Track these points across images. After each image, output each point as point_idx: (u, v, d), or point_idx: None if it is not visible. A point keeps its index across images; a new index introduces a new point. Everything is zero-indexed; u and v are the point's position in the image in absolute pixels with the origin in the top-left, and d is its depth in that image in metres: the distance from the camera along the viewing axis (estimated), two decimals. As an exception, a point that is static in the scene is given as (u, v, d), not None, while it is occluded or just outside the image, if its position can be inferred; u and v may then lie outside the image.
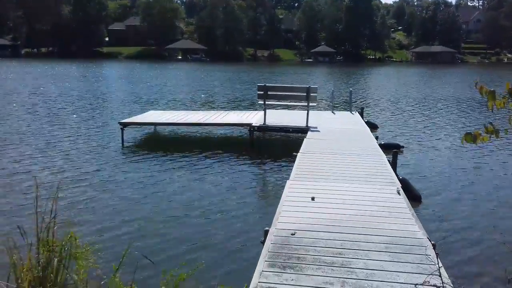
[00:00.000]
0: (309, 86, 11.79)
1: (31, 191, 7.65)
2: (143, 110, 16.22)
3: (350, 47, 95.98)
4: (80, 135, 13.27)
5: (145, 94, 25.57)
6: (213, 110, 17.57)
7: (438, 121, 16.96)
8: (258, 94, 12.09)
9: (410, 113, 18.94)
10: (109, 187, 8.42)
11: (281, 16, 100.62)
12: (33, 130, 13.80)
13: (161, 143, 12.66)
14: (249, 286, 3.65)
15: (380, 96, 25.94)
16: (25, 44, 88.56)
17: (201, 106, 20.67)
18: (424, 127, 15.54)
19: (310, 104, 11.93)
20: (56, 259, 3.29)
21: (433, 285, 3.70)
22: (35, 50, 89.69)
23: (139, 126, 13.72)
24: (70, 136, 12.98)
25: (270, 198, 7.82)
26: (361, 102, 22.14)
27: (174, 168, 9.73)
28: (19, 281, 3.16)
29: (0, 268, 3.36)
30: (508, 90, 3.10)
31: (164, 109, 17.37)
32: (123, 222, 6.75)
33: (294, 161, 8.25)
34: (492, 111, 3.10)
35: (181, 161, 10.30)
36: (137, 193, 8.09)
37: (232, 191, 8.29)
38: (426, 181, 9.00)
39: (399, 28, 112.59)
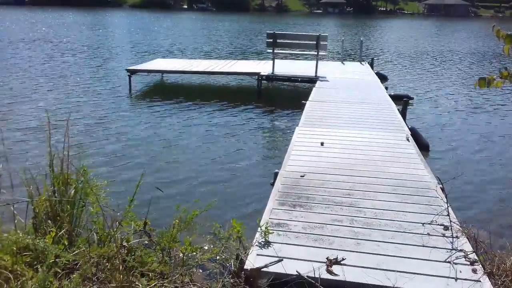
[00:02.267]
0: (319, 34, 11.56)
1: (44, 130, 7.79)
2: (151, 59, 16.04)
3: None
4: (89, 81, 13.25)
5: (152, 43, 25.24)
6: (221, 59, 17.35)
7: (449, 74, 16.67)
8: (267, 42, 11.87)
9: (421, 66, 18.60)
10: (118, 130, 8.48)
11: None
12: (44, 76, 13.78)
13: (168, 91, 12.59)
14: (260, 221, 3.73)
15: (391, 48, 25.44)
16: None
17: (209, 55, 20.41)
18: (435, 79, 15.29)
19: (320, 53, 11.74)
20: (72, 191, 3.36)
21: (441, 224, 3.78)
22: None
23: (146, 74, 13.61)
24: (78, 83, 12.95)
25: (279, 144, 7.86)
26: (371, 53, 21.74)
27: (182, 115, 9.74)
28: (37, 210, 3.25)
29: (18, 198, 3.43)
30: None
31: (172, 58, 17.20)
32: (134, 162, 6.86)
33: (303, 109, 8.22)
34: (509, 55, 3.04)
35: (189, 109, 10.29)
36: (146, 137, 8.15)
37: (241, 137, 8.32)
38: (435, 131, 8.97)
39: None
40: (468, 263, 3.22)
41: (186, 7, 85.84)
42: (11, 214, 3.28)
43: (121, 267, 2.99)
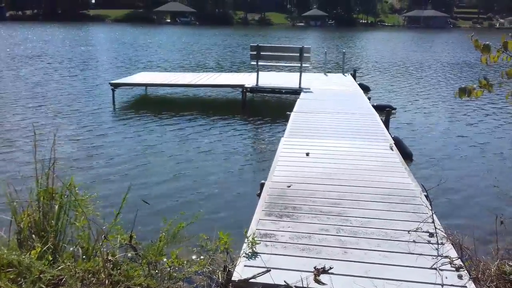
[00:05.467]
0: (303, 46, 11.68)
1: (29, 144, 7.72)
2: (134, 73, 16.00)
3: (342, 11, 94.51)
4: (72, 95, 13.15)
5: (136, 57, 25.20)
6: (205, 72, 17.38)
7: (430, 84, 16.98)
8: (250, 54, 11.96)
9: (402, 77, 18.92)
10: (103, 144, 8.42)
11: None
12: (28, 91, 13.64)
13: (152, 105, 12.56)
14: (247, 232, 3.72)
15: (373, 59, 25.82)
16: (9, 6, 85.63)
17: (193, 68, 20.43)
18: (416, 89, 15.56)
19: (304, 64, 11.85)
20: (56, 206, 3.32)
21: (426, 231, 3.82)
22: (20, 12, 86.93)
23: (130, 87, 13.56)
24: (62, 98, 12.85)
25: (265, 155, 7.88)
26: (353, 64, 22.04)
27: (167, 128, 9.72)
28: (20, 225, 3.19)
29: (1, 213, 3.37)
30: (502, 44, 3.12)
31: (155, 71, 17.17)
32: (119, 176, 6.80)
33: (287, 121, 8.27)
34: (487, 64, 3.12)
35: (174, 122, 10.27)
36: (131, 150, 8.10)
37: (227, 148, 8.33)
38: (418, 140, 9.10)
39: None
40: (454, 269, 3.26)
41: (169, 21, 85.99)
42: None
43: (107, 282, 2.94)
